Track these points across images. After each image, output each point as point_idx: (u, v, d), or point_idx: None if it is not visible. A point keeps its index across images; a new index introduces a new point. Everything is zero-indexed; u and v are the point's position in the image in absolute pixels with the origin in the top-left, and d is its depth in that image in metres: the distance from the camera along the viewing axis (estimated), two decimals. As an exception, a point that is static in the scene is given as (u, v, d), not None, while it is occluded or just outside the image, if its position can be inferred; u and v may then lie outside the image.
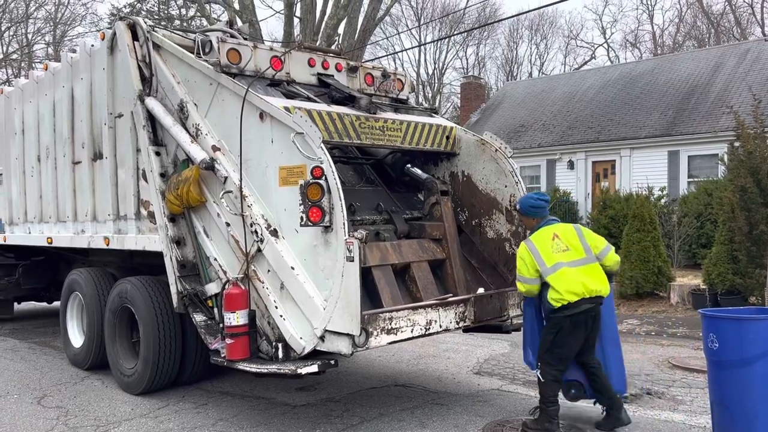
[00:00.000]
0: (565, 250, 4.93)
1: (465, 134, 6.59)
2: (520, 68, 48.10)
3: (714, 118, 18.01)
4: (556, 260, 4.88)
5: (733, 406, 4.44)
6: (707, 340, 4.59)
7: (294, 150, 4.86)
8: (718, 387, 4.57)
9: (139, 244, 6.48)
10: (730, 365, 4.45)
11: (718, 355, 4.50)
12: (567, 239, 4.99)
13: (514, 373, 6.97)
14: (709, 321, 4.62)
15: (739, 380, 4.40)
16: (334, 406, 5.76)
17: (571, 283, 4.80)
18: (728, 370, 4.47)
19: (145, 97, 6.25)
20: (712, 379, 4.64)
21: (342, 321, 4.55)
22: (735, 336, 4.43)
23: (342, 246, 4.54)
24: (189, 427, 5.25)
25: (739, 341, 4.40)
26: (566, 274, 4.83)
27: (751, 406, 4.37)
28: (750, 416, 4.37)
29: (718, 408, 4.59)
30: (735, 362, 4.42)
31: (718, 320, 4.58)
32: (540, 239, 5.01)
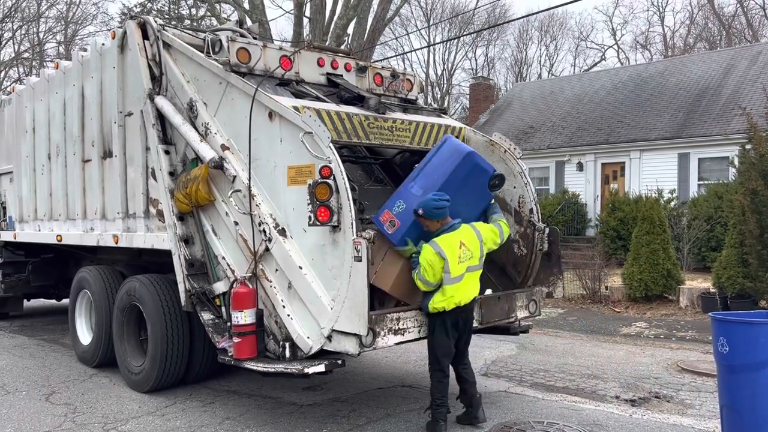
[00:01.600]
0: (469, 258, 4.89)
1: (474, 135, 6.57)
2: (529, 69, 48.03)
3: (725, 120, 17.89)
4: (461, 271, 4.83)
5: (743, 411, 4.39)
6: (717, 343, 4.54)
7: (303, 149, 4.86)
8: (728, 391, 4.51)
9: (148, 243, 6.50)
10: (741, 369, 4.40)
11: (729, 359, 4.43)
12: (471, 246, 4.93)
13: (521, 375, 6.94)
14: (719, 324, 4.57)
15: (749, 384, 4.35)
16: (341, 406, 5.76)
17: (462, 293, 4.85)
18: (739, 374, 4.41)
19: (154, 95, 6.26)
20: (722, 383, 4.59)
21: (349, 321, 4.54)
22: (746, 340, 4.38)
23: (350, 246, 4.54)
24: (196, 426, 5.26)
25: (751, 345, 4.34)
26: (465, 284, 4.86)
27: (761, 411, 4.30)
28: (760, 421, 4.30)
29: (728, 412, 4.53)
30: (746, 366, 4.36)
31: (729, 324, 4.52)
32: (448, 245, 4.82)
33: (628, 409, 5.67)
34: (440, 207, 4.85)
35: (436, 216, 4.87)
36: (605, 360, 7.63)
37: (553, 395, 6.15)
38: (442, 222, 4.90)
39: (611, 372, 6.99)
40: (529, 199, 6.08)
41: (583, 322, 10.41)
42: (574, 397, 6.10)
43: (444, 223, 4.91)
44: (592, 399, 6.01)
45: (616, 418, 5.35)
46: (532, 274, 6.04)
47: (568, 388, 6.42)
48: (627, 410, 5.64)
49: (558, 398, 6.04)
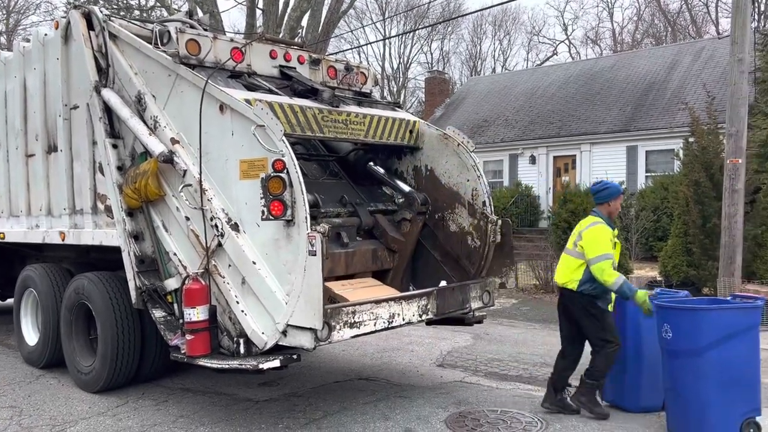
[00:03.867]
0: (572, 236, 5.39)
1: (428, 128, 6.62)
2: (483, 64, 48.54)
3: (670, 114, 18.49)
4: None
5: (686, 394, 4.58)
6: (661, 329, 4.70)
7: (255, 143, 4.79)
8: (671, 375, 4.70)
9: (96, 239, 6.33)
10: (684, 354, 4.58)
11: (672, 345, 4.63)
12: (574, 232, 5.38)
13: (476, 364, 7.05)
14: (663, 311, 4.73)
15: (692, 369, 4.53)
16: (297, 400, 5.74)
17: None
18: (681, 359, 4.60)
19: (101, 88, 6.08)
20: (665, 367, 4.76)
21: (304, 315, 4.52)
22: (689, 326, 4.55)
23: (304, 240, 4.51)
24: (149, 425, 5.16)
25: (694, 331, 4.52)
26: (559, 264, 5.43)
27: (703, 395, 4.50)
28: (702, 404, 4.50)
29: (672, 395, 4.72)
30: (688, 351, 4.55)
31: (672, 310, 4.69)
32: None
33: (578, 396, 5.80)
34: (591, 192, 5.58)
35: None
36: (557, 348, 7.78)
37: (507, 384, 6.27)
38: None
39: (563, 360, 7.15)
40: (482, 191, 6.16)
41: (536, 312, 10.63)
42: (527, 385, 6.22)
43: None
44: (544, 386, 6.11)
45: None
46: (486, 266, 6.13)
47: (521, 377, 6.55)
48: (578, 397, 5.77)
49: (512, 387, 6.16)
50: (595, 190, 5.47)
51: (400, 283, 6.32)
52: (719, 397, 4.48)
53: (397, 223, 6.28)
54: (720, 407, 4.48)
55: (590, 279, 5.07)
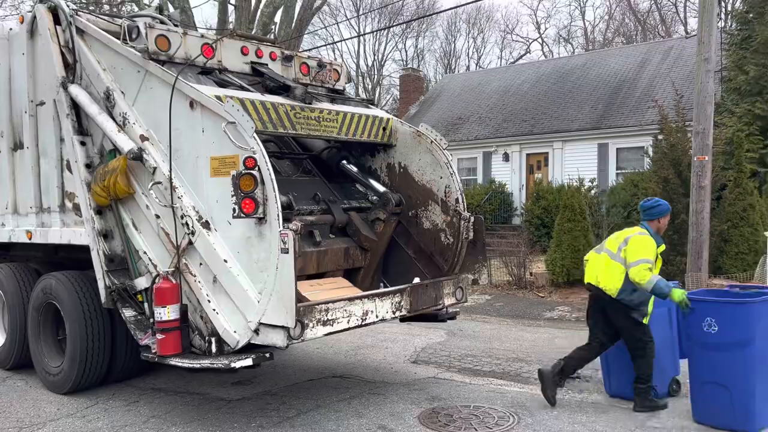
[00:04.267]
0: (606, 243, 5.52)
1: (401, 126, 6.62)
2: (458, 61, 48.73)
3: (640, 112, 18.78)
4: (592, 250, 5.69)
5: (732, 386, 4.62)
6: (702, 324, 4.71)
7: (226, 140, 4.75)
8: (715, 368, 4.71)
9: (64, 238, 6.22)
10: (731, 347, 4.61)
11: (717, 338, 4.65)
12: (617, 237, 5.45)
13: (450, 360, 7.09)
14: (706, 305, 4.74)
15: (740, 361, 4.58)
16: (271, 399, 5.71)
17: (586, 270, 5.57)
18: (728, 351, 4.63)
19: (68, 84, 5.97)
20: (706, 361, 4.76)
21: (277, 313, 4.49)
22: (736, 318, 4.60)
23: (276, 238, 4.49)
24: (119, 426, 5.09)
25: (741, 323, 4.58)
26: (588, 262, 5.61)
27: (750, 385, 4.58)
28: (749, 395, 4.59)
29: (714, 388, 4.72)
30: (736, 344, 4.59)
31: (719, 304, 4.74)
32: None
33: (550, 390, 5.88)
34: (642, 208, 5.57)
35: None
36: (530, 344, 7.90)
37: (480, 379, 6.32)
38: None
39: (535, 355, 7.24)
40: (454, 189, 6.19)
41: (509, 308, 10.74)
42: (500, 380, 6.28)
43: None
44: (516, 382, 6.21)
45: (539, 399, 5.54)
46: (459, 262, 6.17)
47: (494, 372, 6.60)
48: (549, 391, 5.85)
49: (484, 382, 6.21)
50: (648, 206, 5.49)
51: (371, 281, 6.33)
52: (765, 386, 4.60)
53: (371, 222, 6.28)
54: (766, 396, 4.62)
55: (629, 288, 5.12)
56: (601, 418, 5.07)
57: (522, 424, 4.91)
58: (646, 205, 5.53)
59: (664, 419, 5.07)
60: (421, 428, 4.88)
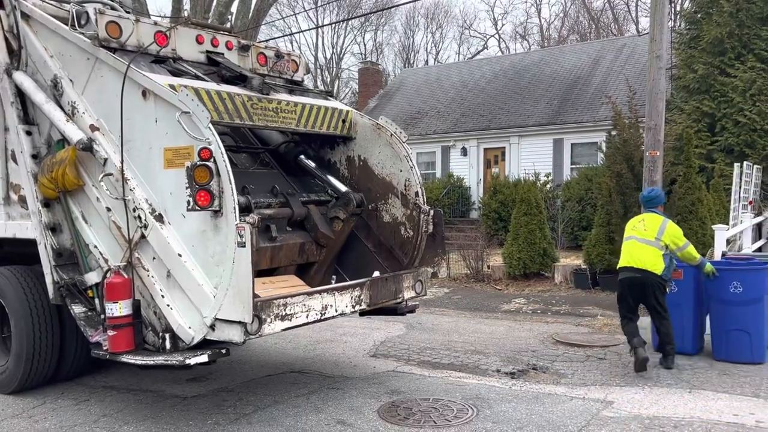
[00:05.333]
0: (642, 231, 6.36)
1: (361, 118, 6.57)
2: (416, 56, 48.85)
3: (594, 108, 19.17)
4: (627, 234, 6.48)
5: (751, 331, 6.30)
6: (729, 286, 6.34)
7: (180, 130, 4.62)
8: (738, 319, 6.31)
9: (9, 232, 5.97)
10: (751, 302, 6.29)
11: (742, 297, 6.31)
12: (650, 225, 6.35)
13: (409, 354, 7.09)
14: (732, 272, 6.40)
15: (758, 312, 6.31)
16: (227, 395, 5.60)
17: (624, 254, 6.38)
18: (749, 306, 6.30)
19: (12, 71, 5.72)
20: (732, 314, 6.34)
21: (233, 308, 4.40)
22: (755, 281, 6.33)
23: (233, 231, 4.38)
24: (68, 426, 4.91)
25: (759, 284, 6.33)
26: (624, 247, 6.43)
27: (764, 329, 6.34)
28: (763, 337, 6.34)
29: (739, 334, 6.33)
30: (754, 300, 6.30)
31: (743, 271, 6.40)
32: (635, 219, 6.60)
33: (508, 382, 5.95)
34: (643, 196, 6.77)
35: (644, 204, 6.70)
36: (487, 336, 7.97)
37: (439, 372, 6.34)
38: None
39: (493, 347, 7.31)
40: (414, 182, 6.17)
41: (467, 300, 10.82)
42: (458, 372, 6.31)
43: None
44: (475, 374, 6.26)
45: (497, 390, 5.60)
46: (419, 256, 6.16)
47: (453, 365, 6.63)
48: (507, 383, 5.91)
49: (443, 375, 6.23)
50: (652, 195, 6.71)
51: (323, 276, 6.28)
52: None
53: (330, 219, 6.20)
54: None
55: (668, 266, 6.28)
56: (558, 408, 5.14)
57: (481, 416, 4.93)
58: (653, 194, 6.73)
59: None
60: (381, 422, 4.86)
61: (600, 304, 9.78)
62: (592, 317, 9.04)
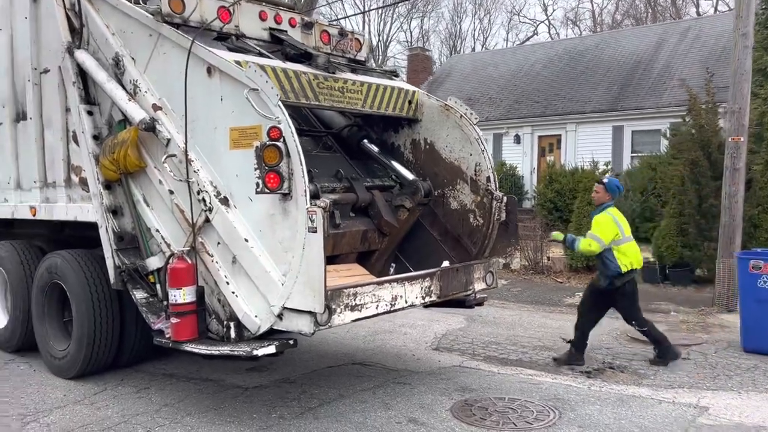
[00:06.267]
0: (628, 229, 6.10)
1: (428, 99, 6.24)
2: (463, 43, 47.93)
3: (657, 94, 18.31)
4: (629, 234, 6.05)
5: None
6: (758, 281, 6.41)
7: (247, 109, 4.38)
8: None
9: (70, 214, 5.87)
10: None
11: None
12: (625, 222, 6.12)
13: (473, 348, 6.76)
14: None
15: None
16: (290, 387, 5.38)
17: (638, 255, 6.08)
18: None
19: (74, 49, 5.59)
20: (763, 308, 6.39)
21: (303, 297, 4.15)
22: None
23: (303, 215, 4.13)
24: (130, 414, 4.77)
25: None
26: (634, 247, 6.06)
27: None
28: None
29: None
30: None
31: None
32: (618, 215, 6.05)
33: (584, 381, 5.57)
34: (620, 188, 6.30)
35: (613, 192, 6.16)
36: (555, 331, 7.57)
37: (508, 369, 5.99)
38: (610, 198, 6.14)
39: (562, 343, 6.91)
40: (486, 166, 5.83)
41: (528, 293, 10.39)
42: (529, 370, 5.95)
43: (610, 200, 6.13)
44: (547, 372, 5.89)
45: (576, 391, 5.24)
46: (489, 245, 5.83)
47: (521, 361, 6.28)
48: (584, 382, 5.53)
49: (513, 372, 5.88)
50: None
51: (383, 265, 6.01)
52: None
53: (395, 207, 5.90)
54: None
55: None
56: (647, 413, 4.73)
57: (564, 419, 4.57)
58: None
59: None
60: (456, 422, 4.55)
61: (672, 300, 9.23)
62: (665, 313, 8.51)
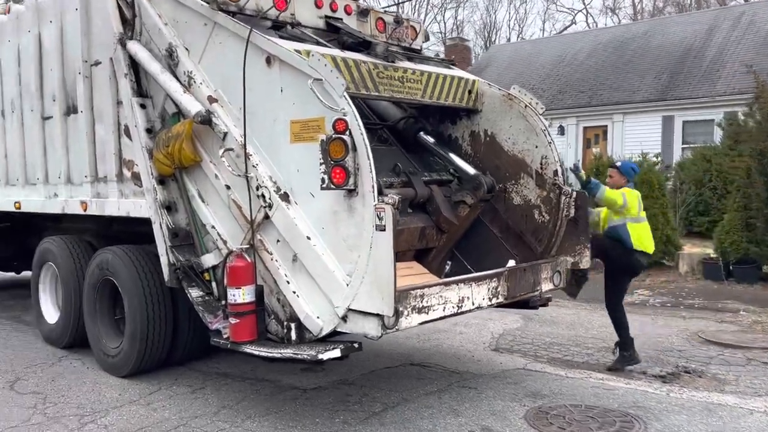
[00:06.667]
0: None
1: (489, 89, 5.94)
2: (498, 33, 47.10)
3: (710, 82, 17.60)
4: (644, 215, 5.93)
5: None
6: None
7: (309, 100, 4.16)
8: None
9: (122, 210, 5.75)
10: None
11: None
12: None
13: (535, 349, 6.45)
14: None
15: None
16: (349, 389, 5.17)
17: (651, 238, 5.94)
18: None
19: (126, 40, 5.45)
20: None
21: (370, 299, 3.93)
22: None
23: (370, 212, 3.90)
24: (188, 416, 4.61)
25: None
26: (648, 229, 5.93)
27: None
28: None
29: None
30: None
31: None
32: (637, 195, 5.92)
33: (661, 387, 5.23)
34: (636, 171, 6.27)
35: (629, 176, 6.06)
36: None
37: (575, 372, 5.68)
38: (627, 181, 6.01)
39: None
40: (553, 159, 5.52)
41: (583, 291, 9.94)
42: (598, 373, 5.63)
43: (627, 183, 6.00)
44: (618, 375, 5.55)
45: (655, 397, 4.90)
46: (556, 243, 5.51)
47: (588, 364, 5.96)
48: (660, 388, 5.20)
49: (582, 375, 5.57)
50: None
51: (439, 264, 5.74)
52: None
53: (455, 203, 5.62)
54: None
55: None
56: (741, 425, 4.38)
57: (651, 431, 4.25)
58: None
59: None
60: (532, 432, 4.28)
61: (739, 298, 8.76)
62: (733, 313, 8.07)
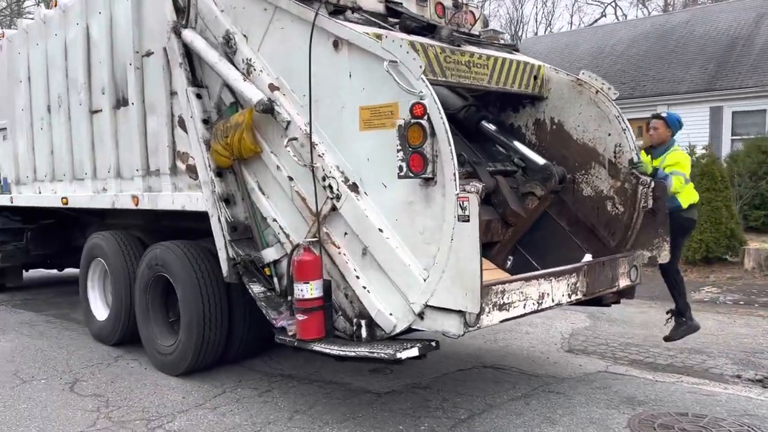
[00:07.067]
0: None
1: (556, 74, 5.63)
2: (525, 28, 46.40)
3: (760, 71, 16.91)
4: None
5: None
6: None
7: (381, 85, 3.92)
8: None
9: (177, 203, 5.57)
10: None
11: None
12: None
13: (612, 350, 6.07)
14: None
15: None
16: (426, 394, 4.86)
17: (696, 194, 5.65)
18: None
19: (181, 29, 5.26)
20: None
21: (451, 295, 3.66)
22: None
23: (452, 203, 3.62)
24: (261, 423, 4.35)
25: None
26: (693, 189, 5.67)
27: None
28: None
29: None
30: None
31: None
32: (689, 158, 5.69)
33: (763, 392, 4.86)
34: (681, 123, 5.86)
35: (675, 128, 5.76)
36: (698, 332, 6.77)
37: (664, 375, 5.29)
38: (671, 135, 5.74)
39: (713, 346, 6.12)
40: (628, 147, 5.21)
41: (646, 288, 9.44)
42: (689, 377, 5.24)
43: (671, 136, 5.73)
44: (710, 379, 5.18)
45: (763, 405, 4.52)
46: (632, 236, 5.18)
47: (674, 366, 5.57)
48: (763, 393, 4.83)
49: (672, 379, 5.18)
50: None
51: (503, 259, 5.43)
52: None
53: (522, 195, 5.32)
54: None
55: None
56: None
57: (767, 442, 3.90)
58: None
59: None
60: (641, 443, 3.93)
61: (809, 297, 8.27)
62: (804, 311, 7.61)
